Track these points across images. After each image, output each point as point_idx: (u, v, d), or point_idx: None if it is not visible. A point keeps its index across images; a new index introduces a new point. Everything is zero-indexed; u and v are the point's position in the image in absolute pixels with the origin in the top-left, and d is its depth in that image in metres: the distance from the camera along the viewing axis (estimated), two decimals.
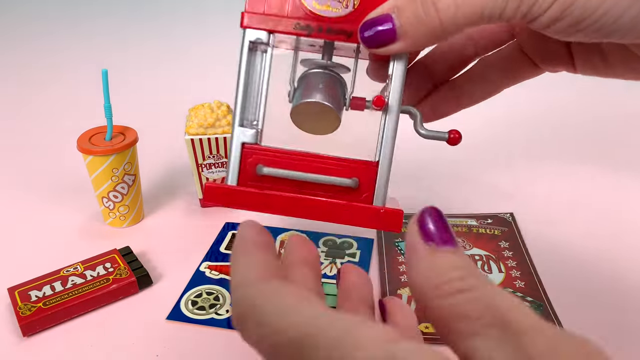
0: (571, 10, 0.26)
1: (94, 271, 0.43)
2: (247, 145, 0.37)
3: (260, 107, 0.37)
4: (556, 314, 0.40)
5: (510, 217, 0.53)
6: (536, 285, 0.43)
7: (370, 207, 0.36)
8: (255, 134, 0.37)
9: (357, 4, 0.34)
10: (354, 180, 0.36)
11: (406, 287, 0.43)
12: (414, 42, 0.29)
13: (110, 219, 0.52)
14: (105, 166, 0.48)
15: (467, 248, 0.48)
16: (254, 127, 0.37)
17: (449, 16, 0.27)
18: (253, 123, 0.37)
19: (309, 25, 0.35)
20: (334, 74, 0.38)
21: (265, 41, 0.36)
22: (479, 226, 0.51)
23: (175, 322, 0.40)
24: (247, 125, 0.37)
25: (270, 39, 0.36)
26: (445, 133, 0.36)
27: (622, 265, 0.46)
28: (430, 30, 0.28)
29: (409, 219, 0.53)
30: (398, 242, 0.49)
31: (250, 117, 0.37)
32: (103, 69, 0.46)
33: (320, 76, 0.37)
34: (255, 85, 0.37)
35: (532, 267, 0.46)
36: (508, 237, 0.50)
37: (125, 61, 1.05)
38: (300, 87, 0.37)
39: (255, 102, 0.37)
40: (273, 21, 0.35)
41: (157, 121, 0.75)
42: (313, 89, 0.36)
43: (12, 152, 0.70)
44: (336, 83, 0.37)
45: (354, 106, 0.38)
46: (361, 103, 0.38)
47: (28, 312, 0.39)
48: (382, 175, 0.36)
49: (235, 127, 0.36)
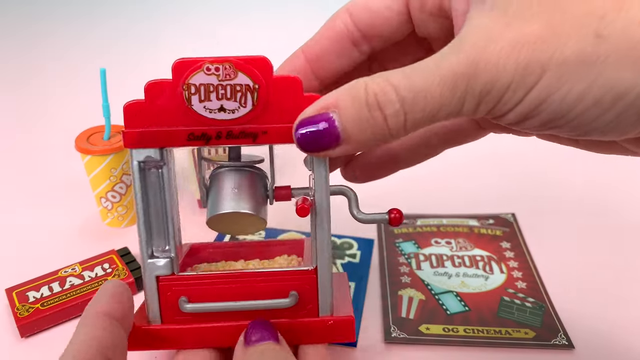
0: (546, 105, 0.22)
1: (92, 272, 0.43)
2: (162, 277, 0.32)
3: (169, 231, 0.32)
4: (558, 315, 0.40)
5: (512, 218, 0.52)
6: (538, 286, 0.43)
7: (316, 320, 0.33)
8: (168, 263, 0.32)
9: (256, 101, 0.29)
10: (293, 296, 0.32)
11: (407, 288, 0.43)
12: (358, 145, 0.25)
13: (108, 219, 0.51)
14: (103, 166, 0.48)
15: (469, 249, 0.48)
16: (166, 254, 0.32)
17: (398, 123, 0.24)
18: (165, 249, 0.32)
19: (205, 133, 0.29)
20: (248, 168, 0.33)
21: (158, 159, 0.30)
22: (480, 226, 0.51)
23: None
24: (158, 255, 0.32)
25: (164, 154, 0.31)
26: (385, 214, 0.32)
27: (624, 265, 0.46)
28: (376, 136, 0.25)
29: (410, 220, 0.53)
30: (399, 243, 0.49)
31: (161, 244, 0.32)
32: (101, 68, 0.46)
33: (232, 177, 0.32)
34: (159, 206, 0.32)
35: (534, 268, 0.45)
36: (510, 237, 0.49)
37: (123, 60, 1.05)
38: (212, 190, 0.33)
39: (163, 226, 0.32)
40: (162, 135, 0.30)
41: None
42: (226, 195, 0.32)
43: (10, 151, 0.69)
44: (252, 180, 0.33)
45: (280, 197, 0.33)
46: (286, 193, 0.33)
47: (26, 313, 0.39)
48: (323, 282, 0.32)
49: (145, 260, 0.32)
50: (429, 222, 0.52)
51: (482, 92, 0.22)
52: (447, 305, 0.41)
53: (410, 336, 0.38)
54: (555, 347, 0.37)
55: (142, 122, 0.29)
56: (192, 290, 0.32)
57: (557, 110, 0.22)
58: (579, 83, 0.21)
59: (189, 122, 0.29)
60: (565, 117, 0.22)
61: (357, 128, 0.25)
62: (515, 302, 0.41)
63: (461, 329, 0.39)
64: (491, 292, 0.42)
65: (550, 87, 0.21)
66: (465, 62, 0.22)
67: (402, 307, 0.41)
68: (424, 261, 0.46)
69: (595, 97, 0.21)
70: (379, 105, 0.24)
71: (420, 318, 0.40)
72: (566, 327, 0.39)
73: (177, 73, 0.29)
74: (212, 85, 0.29)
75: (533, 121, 0.23)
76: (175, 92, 0.29)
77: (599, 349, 0.37)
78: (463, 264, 0.46)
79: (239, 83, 0.29)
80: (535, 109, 0.22)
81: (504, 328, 0.39)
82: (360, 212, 0.32)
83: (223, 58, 0.28)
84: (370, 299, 0.42)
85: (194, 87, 0.29)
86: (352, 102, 0.24)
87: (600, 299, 0.42)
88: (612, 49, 0.20)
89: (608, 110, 0.21)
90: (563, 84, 0.21)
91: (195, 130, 0.29)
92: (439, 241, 0.49)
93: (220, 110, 0.29)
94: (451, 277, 0.44)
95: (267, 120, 0.29)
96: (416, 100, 0.23)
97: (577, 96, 0.21)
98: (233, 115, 0.29)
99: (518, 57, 0.21)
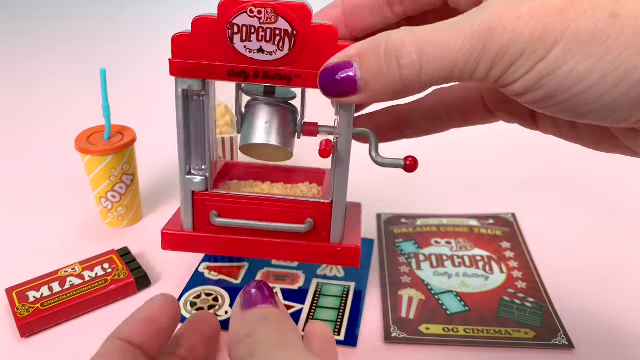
0: (548, 80, 0.23)
1: (92, 272, 0.43)
2: (197, 192, 0.36)
3: (206, 153, 0.36)
4: (558, 315, 0.40)
5: (512, 217, 0.52)
6: (538, 286, 0.43)
7: (327, 246, 0.37)
8: (203, 180, 0.36)
9: (293, 46, 0.31)
10: (308, 223, 0.36)
11: (407, 288, 0.43)
12: (374, 95, 0.27)
13: (108, 219, 0.51)
14: (103, 166, 0.48)
15: (469, 249, 0.48)
16: (202, 173, 0.36)
17: (413, 74, 0.25)
18: (202, 168, 0.37)
19: (244, 71, 0.32)
20: (281, 103, 0.36)
21: (199, 89, 0.34)
22: (480, 226, 0.51)
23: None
24: (195, 172, 0.36)
25: (206, 85, 0.33)
26: (401, 160, 0.35)
27: (624, 266, 0.46)
28: (391, 86, 0.26)
29: (410, 220, 0.53)
30: (399, 243, 0.49)
31: (198, 164, 0.37)
32: (101, 68, 0.46)
33: (266, 111, 0.35)
34: (199, 130, 0.35)
35: (534, 268, 0.45)
36: (510, 237, 0.49)
37: (123, 60, 1.05)
38: (247, 120, 0.36)
39: (201, 148, 0.36)
40: (204, 68, 0.32)
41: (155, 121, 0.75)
42: (258, 126, 0.35)
43: (10, 151, 0.69)
44: (284, 114, 0.36)
45: (307, 133, 0.37)
46: (314, 129, 0.37)
47: (26, 313, 0.39)
48: (336, 215, 0.36)
49: (183, 176, 0.36)
50: (429, 222, 0.52)
51: (497, 56, 0.23)
52: (447, 305, 0.41)
53: (411, 336, 0.38)
54: (556, 347, 0.37)
55: (187, 53, 0.32)
56: (222, 206, 0.37)
57: (558, 86, 0.23)
58: (588, 58, 0.22)
59: (230, 59, 0.32)
60: (565, 94, 0.23)
61: (373, 77, 0.26)
62: (515, 302, 0.41)
63: (461, 329, 0.39)
64: (491, 292, 0.42)
65: (556, 62, 0.22)
66: (485, 24, 0.23)
67: (402, 307, 0.41)
68: (424, 261, 0.46)
69: (601, 74, 0.22)
70: (396, 55, 0.25)
71: (420, 318, 0.40)
72: (566, 327, 0.39)
73: (223, 11, 0.30)
74: (254, 27, 0.30)
75: (535, 94, 0.24)
76: (220, 29, 0.31)
77: (599, 349, 0.37)
78: (463, 264, 0.46)
79: (278, 27, 0.30)
80: (540, 82, 0.23)
81: (504, 328, 0.39)
82: (379, 155, 0.35)
83: (266, 2, 0.30)
84: (370, 299, 0.42)
85: (237, 27, 0.31)
86: (372, 52, 0.26)
87: (601, 299, 0.42)
88: (623, 30, 0.21)
89: (610, 89, 0.22)
90: (572, 57, 0.22)
91: (235, 67, 0.32)
92: (439, 241, 0.49)
93: (259, 51, 0.31)
94: (451, 277, 0.44)
95: (302, 64, 0.31)
96: (433, 53, 0.24)
97: (583, 71, 0.22)
98: (270, 57, 0.31)
99: (535, 26, 0.22)
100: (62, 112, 0.81)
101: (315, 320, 0.34)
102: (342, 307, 0.41)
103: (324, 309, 0.41)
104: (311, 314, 0.41)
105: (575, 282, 0.44)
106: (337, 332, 0.39)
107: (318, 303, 0.42)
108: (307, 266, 0.46)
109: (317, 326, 0.32)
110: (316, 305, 0.41)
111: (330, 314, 0.40)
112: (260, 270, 0.45)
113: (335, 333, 0.39)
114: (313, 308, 0.41)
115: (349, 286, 0.43)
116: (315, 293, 0.43)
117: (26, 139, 0.72)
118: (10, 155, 0.68)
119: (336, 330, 0.39)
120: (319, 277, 0.45)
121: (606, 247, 0.48)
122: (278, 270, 0.45)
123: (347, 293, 0.43)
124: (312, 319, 0.40)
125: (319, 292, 0.43)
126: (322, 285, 0.44)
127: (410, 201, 0.56)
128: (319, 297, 0.42)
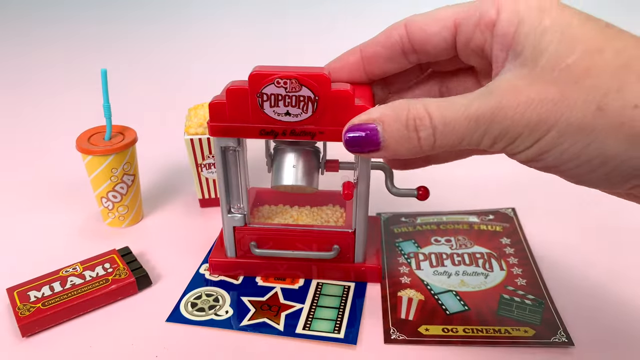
0: (547, 155, 0.26)
1: (93, 272, 0.43)
2: (237, 227, 0.43)
3: (242, 194, 0.42)
4: (558, 311, 0.40)
5: (512, 212, 0.53)
6: (538, 282, 0.43)
7: (352, 266, 0.44)
8: (242, 218, 0.43)
9: (315, 109, 0.35)
10: (335, 250, 0.43)
11: (406, 289, 0.43)
12: (394, 154, 0.30)
13: (109, 219, 0.52)
14: (104, 166, 0.48)
15: (468, 246, 0.48)
16: (240, 211, 0.42)
17: (429, 144, 0.29)
18: (240, 207, 0.42)
19: (273, 130, 0.37)
20: (305, 147, 0.40)
21: (235, 145, 0.39)
22: (480, 222, 0.51)
23: (175, 324, 0.40)
24: (235, 211, 0.43)
25: (240, 141, 0.39)
26: (414, 190, 0.41)
27: (624, 262, 0.46)
28: (410, 150, 0.30)
29: (410, 218, 0.53)
30: (399, 243, 0.49)
31: (236, 204, 0.42)
32: (102, 69, 0.46)
33: (293, 155, 0.40)
34: (235, 177, 0.41)
35: (534, 264, 0.45)
36: (510, 233, 0.50)
37: (124, 61, 1.05)
38: (276, 163, 0.41)
39: (238, 192, 0.42)
40: (238, 129, 0.37)
41: (156, 121, 0.75)
42: (288, 169, 0.40)
43: (11, 152, 0.69)
44: (308, 157, 0.41)
45: (329, 169, 0.42)
46: (335, 165, 0.42)
47: (27, 313, 0.39)
48: (359, 241, 0.43)
49: (225, 215, 0.42)
50: (429, 220, 0.52)
51: (498, 136, 0.27)
52: (446, 305, 0.41)
53: (410, 338, 0.38)
54: (555, 344, 0.37)
55: (223, 117, 0.37)
56: (259, 238, 0.43)
57: (556, 161, 0.26)
58: (576, 144, 0.25)
59: (261, 121, 0.37)
60: (563, 167, 0.27)
61: (395, 141, 0.30)
62: (515, 299, 0.41)
63: (460, 329, 0.39)
64: (490, 290, 0.43)
65: (551, 143, 0.26)
66: (489, 109, 0.27)
67: (401, 308, 0.41)
68: (424, 260, 0.46)
69: (587, 158, 0.25)
70: (415, 128, 0.29)
71: (420, 319, 0.40)
72: (566, 323, 0.39)
73: (253, 83, 0.35)
74: (281, 95, 0.35)
75: (537, 164, 0.27)
76: (251, 97, 0.35)
77: (598, 346, 0.37)
78: (463, 262, 0.46)
79: (302, 94, 0.35)
80: (539, 157, 0.27)
81: (504, 327, 0.39)
82: (394, 187, 0.42)
83: (290, 74, 0.34)
84: (370, 301, 0.42)
85: (266, 95, 0.35)
86: (394, 120, 0.29)
87: (601, 296, 0.42)
88: (607, 122, 0.24)
89: (597, 169, 0.26)
90: (562, 143, 0.25)
91: (265, 128, 0.37)
92: (438, 239, 0.49)
93: (287, 114, 0.36)
94: (450, 276, 0.44)
95: (324, 122, 0.36)
96: (445, 130, 0.28)
97: (572, 155, 0.26)
98: (296, 118, 0.36)
99: (532, 114, 0.26)
100: (63, 113, 0.81)
101: None
102: (342, 306, 0.41)
103: (324, 309, 0.41)
104: (311, 313, 0.41)
105: (576, 278, 0.44)
106: (337, 331, 0.39)
107: (318, 302, 0.42)
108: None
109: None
110: (316, 305, 0.42)
111: (330, 314, 0.41)
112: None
113: (335, 332, 0.39)
114: (313, 307, 0.41)
115: (348, 286, 0.44)
116: (315, 293, 0.43)
117: (28, 139, 0.73)
118: (12, 156, 0.68)
119: (336, 329, 0.39)
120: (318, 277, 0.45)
121: (608, 242, 0.48)
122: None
123: (347, 293, 0.43)
124: (313, 318, 0.40)
125: (319, 292, 0.43)
126: (322, 285, 0.44)
127: (411, 200, 0.56)
128: (319, 296, 0.42)
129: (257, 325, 0.40)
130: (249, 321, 0.40)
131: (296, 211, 0.47)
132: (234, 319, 0.40)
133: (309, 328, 0.39)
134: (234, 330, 0.39)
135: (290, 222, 0.45)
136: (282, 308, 0.41)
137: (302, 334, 0.39)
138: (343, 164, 0.42)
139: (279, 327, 0.39)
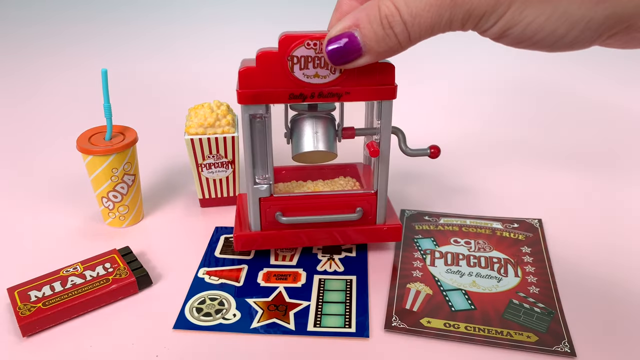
0: (512, 31, 0.28)
1: (94, 271, 0.43)
2: (263, 198, 0.43)
3: (268, 164, 0.42)
4: (566, 323, 0.39)
5: (537, 224, 0.52)
6: (551, 293, 0.42)
7: (376, 227, 0.45)
8: (268, 188, 0.42)
9: (342, 70, 0.37)
10: (359, 211, 0.43)
11: (416, 282, 0.43)
12: (377, 56, 0.32)
13: (109, 219, 0.51)
14: (104, 166, 0.48)
15: (487, 250, 0.47)
16: (266, 181, 0.42)
17: (405, 38, 0.30)
18: (266, 177, 0.42)
19: (302, 93, 0.38)
20: (323, 114, 0.42)
21: (263, 113, 0.39)
22: (503, 229, 0.51)
23: (182, 330, 0.39)
24: (260, 182, 0.42)
25: (268, 108, 0.39)
26: (427, 149, 0.43)
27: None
28: (391, 48, 0.31)
29: (432, 218, 0.55)
30: (417, 239, 0.49)
31: (261, 174, 0.42)
32: (103, 69, 0.46)
33: (313, 122, 0.41)
34: (262, 146, 0.41)
35: (551, 275, 0.44)
36: (532, 243, 0.49)
37: (125, 61, 1.05)
38: (296, 132, 0.42)
39: (264, 161, 0.42)
40: (268, 95, 0.38)
41: (157, 121, 0.75)
42: (308, 136, 0.41)
43: (12, 151, 0.69)
44: (327, 124, 0.42)
45: (346, 136, 0.43)
46: (351, 132, 0.43)
47: (28, 313, 0.39)
48: (381, 202, 0.44)
49: (250, 186, 0.42)
50: (452, 222, 0.51)
51: (463, 18, 0.28)
52: (453, 301, 0.41)
53: (410, 327, 0.38)
54: (557, 353, 0.36)
55: (252, 83, 0.37)
56: (285, 207, 0.43)
57: (524, 35, 0.28)
58: (539, 16, 0.27)
59: (290, 85, 0.37)
60: (533, 39, 0.28)
61: (375, 43, 0.31)
62: (524, 305, 0.41)
63: (462, 326, 0.39)
64: (501, 294, 0.42)
65: (516, 18, 0.27)
66: None
67: (407, 299, 0.41)
68: (439, 258, 0.46)
69: (554, 27, 0.27)
70: (390, 25, 0.30)
71: (424, 311, 0.40)
72: (573, 336, 0.38)
73: (283, 46, 0.36)
74: (310, 57, 0.36)
75: (507, 39, 0.29)
76: (281, 60, 0.36)
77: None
78: (478, 265, 0.45)
79: None
80: (506, 32, 0.28)
81: (506, 329, 0.38)
82: (407, 147, 0.43)
83: (320, 35, 0.36)
84: (377, 290, 0.42)
85: (297, 58, 0.36)
86: (369, 22, 0.30)
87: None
88: None
89: (566, 34, 0.27)
90: (526, 16, 0.27)
91: (294, 91, 0.37)
92: (458, 240, 0.49)
93: (315, 76, 0.37)
94: (463, 276, 0.44)
95: (349, 83, 0.38)
96: (414, 22, 0.29)
97: (538, 26, 0.27)
98: (324, 80, 0.37)
99: None
100: (64, 113, 0.81)
101: None
102: (347, 299, 0.41)
103: (331, 304, 0.41)
104: (319, 309, 0.40)
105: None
106: (347, 325, 0.39)
107: (324, 298, 0.42)
108: (306, 263, 0.46)
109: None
110: (322, 301, 0.41)
111: (337, 308, 0.40)
112: (261, 270, 0.45)
113: (347, 326, 0.39)
114: (320, 304, 0.41)
115: (350, 279, 0.44)
116: (319, 289, 0.43)
117: (28, 139, 0.72)
118: (12, 156, 0.68)
119: (347, 324, 0.39)
120: (319, 274, 0.45)
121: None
122: (278, 270, 0.45)
123: (350, 286, 0.43)
124: (322, 314, 0.40)
125: (323, 288, 0.43)
126: (324, 281, 0.44)
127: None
128: (323, 292, 0.42)
129: (268, 326, 0.39)
130: (259, 323, 0.40)
131: (312, 184, 0.48)
132: (243, 322, 0.40)
133: (320, 325, 0.39)
134: (245, 333, 0.39)
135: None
136: (290, 307, 0.41)
137: (314, 331, 0.39)
138: (359, 130, 0.43)
139: (289, 327, 0.39)
